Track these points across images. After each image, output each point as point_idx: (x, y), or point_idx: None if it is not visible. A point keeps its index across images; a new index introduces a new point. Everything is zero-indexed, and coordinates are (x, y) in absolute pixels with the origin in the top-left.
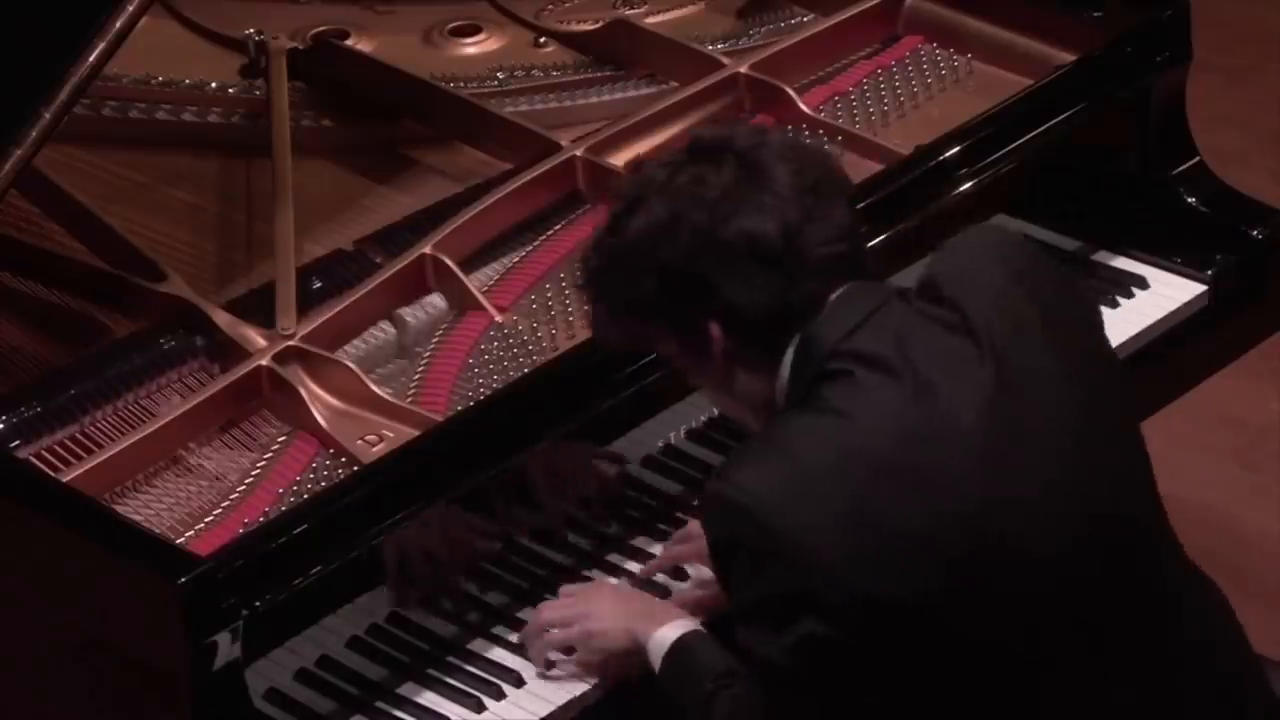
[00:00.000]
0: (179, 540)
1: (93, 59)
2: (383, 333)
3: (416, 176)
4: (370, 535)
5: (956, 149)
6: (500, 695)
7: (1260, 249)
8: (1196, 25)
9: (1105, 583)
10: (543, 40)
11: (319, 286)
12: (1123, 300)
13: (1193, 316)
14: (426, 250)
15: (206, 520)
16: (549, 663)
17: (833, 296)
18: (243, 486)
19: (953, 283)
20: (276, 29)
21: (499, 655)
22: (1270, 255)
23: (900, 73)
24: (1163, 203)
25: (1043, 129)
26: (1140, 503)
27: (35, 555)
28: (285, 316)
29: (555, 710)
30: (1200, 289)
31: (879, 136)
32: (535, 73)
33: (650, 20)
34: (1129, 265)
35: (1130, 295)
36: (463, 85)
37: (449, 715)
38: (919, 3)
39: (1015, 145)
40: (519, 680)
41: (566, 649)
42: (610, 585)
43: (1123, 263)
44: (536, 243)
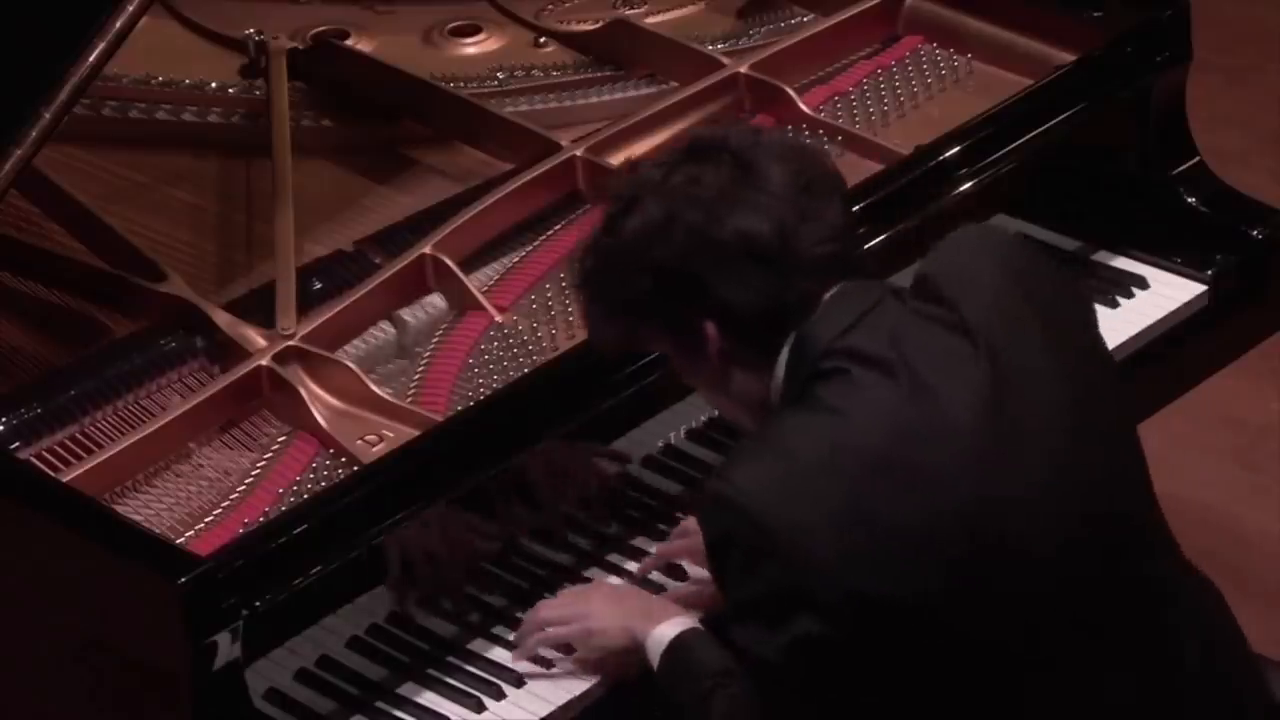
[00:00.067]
0: (179, 540)
1: (93, 59)
2: (383, 333)
3: (416, 176)
4: (370, 535)
5: (956, 149)
6: (500, 695)
7: (1260, 249)
8: (1196, 25)
9: (1101, 581)
10: (543, 40)
11: (319, 287)
12: (1123, 300)
13: (1193, 316)
14: (426, 250)
15: (206, 520)
16: (546, 661)
17: (827, 295)
18: (243, 486)
19: (948, 281)
20: (276, 29)
21: (499, 655)
22: (1270, 255)
23: (900, 73)
24: (1163, 203)
25: (1043, 129)
26: (1136, 502)
27: (35, 555)
28: (285, 316)
29: (555, 710)
30: (1200, 289)
31: (879, 136)
32: (535, 73)
33: (650, 20)
34: (1129, 265)
35: (1130, 295)
36: (463, 85)
37: (449, 715)
38: (919, 3)
39: (1015, 145)
40: (519, 680)
41: (565, 648)
42: (609, 584)
43: (1123, 263)
44: (536, 243)
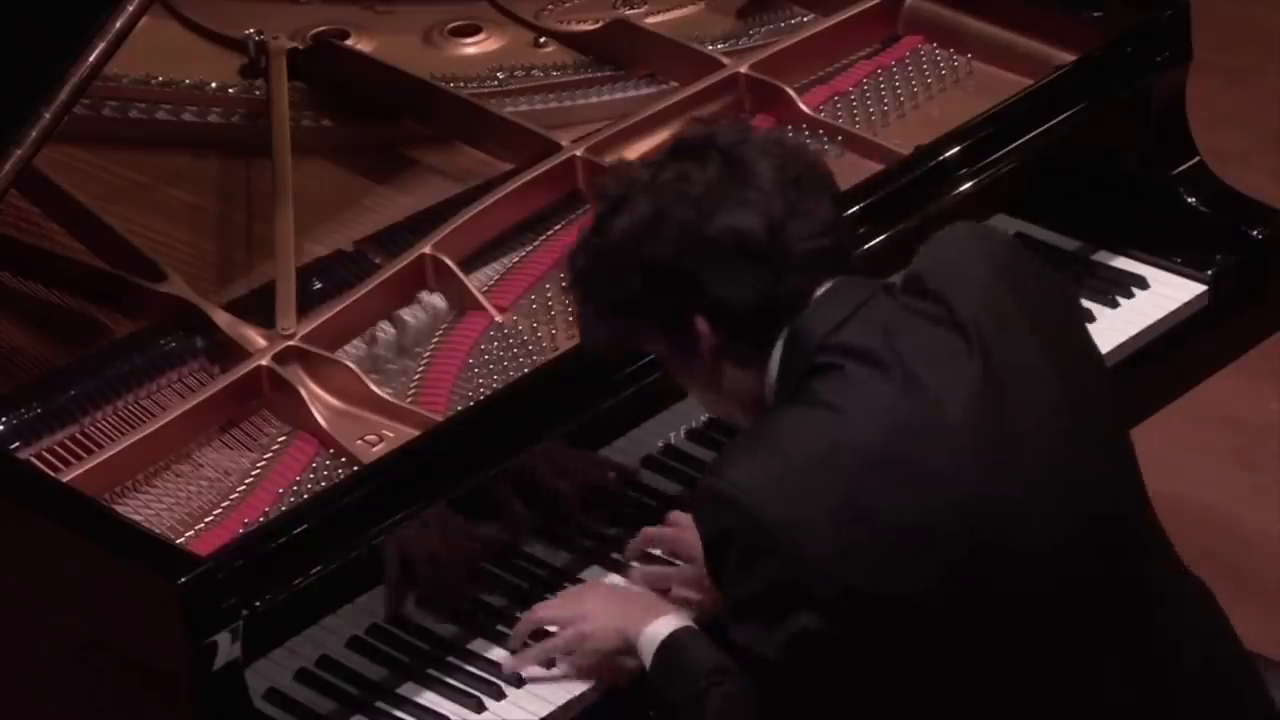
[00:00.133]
0: (179, 540)
1: (93, 59)
2: (383, 333)
3: (416, 176)
4: (370, 535)
5: (956, 149)
6: (500, 695)
7: (1260, 249)
8: (1196, 25)
9: (1097, 581)
10: (543, 40)
11: (319, 287)
12: (1123, 300)
13: (1193, 316)
14: (426, 250)
15: (206, 520)
16: (546, 661)
17: (819, 291)
18: (243, 486)
19: (938, 277)
20: (276, 29)
21: (499, 655)
22: (1270, 255)
23: (900, 73)
24: (1163, 203)
25: (1043, 129)
26: (1130, 503)
27: (35, 555)
28: (285, 316)
29: (555, 710)
30: (1200, 289)
31: (879, 136)
32: (535, 73)
33: (650, 20)
34: (1129, 265)
35: (1130, 295)
36: (463, 85)
37: (449, 715)
38: (919, 3)
39: (1015, 145)
40: (519, 680)
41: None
42: (604, 585)
43: (1123, 263)
44: (536, 243)
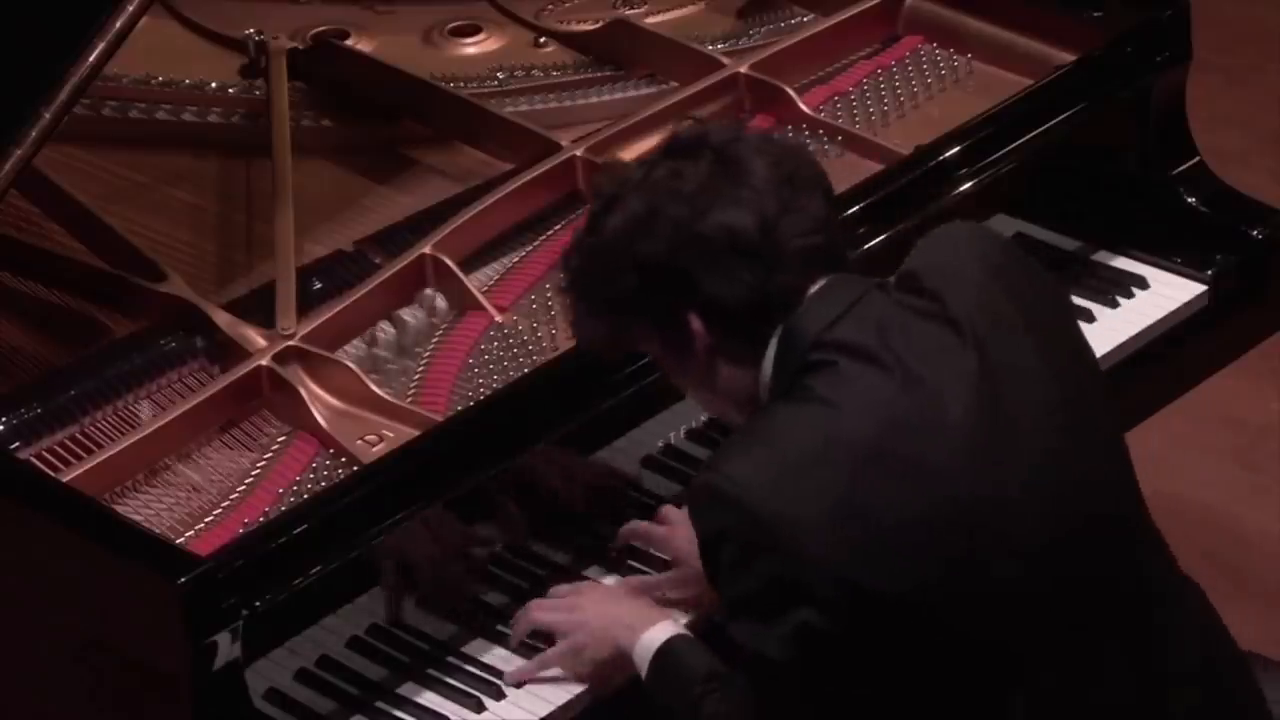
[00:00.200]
0: (179, 540)
1: (93, 59)
2: (383, 333)
3: (416, 176)
4: (370, 535)
5: (956, 149)
6: (500, 695)
7: (1260, 249)
8: (1196, 25)
9: (1092, 580)
10: (543, 40)
11: (319, 287)
12: (1123, 300)
13: (1193, 316)
14: (426, 250)
15: (206, 520)
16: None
17: (813, 288)
18: (243, 486)
19: (933, 275)
20: (276, 29)
21: (499, 655)
22: (1270, 255)
23: (900, 73)
24: (1163, 203)
25: (1043, 129)
26: (1126, 503)
27: (35, 555)
28: (285, 316)
29: (555, 710)
30: (1200, 289)
31: (879, 136)
32: (535, 73)
33: (650, 20)
34: (1129, 265)
35: (1130, 295)
36: (463, 85)
37: (449, 715)
38: (919, 3)
39: (1015, 145)
40: (519, 680)
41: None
42: (599, 590)
43: (1123, 263)
44: (536, 243)
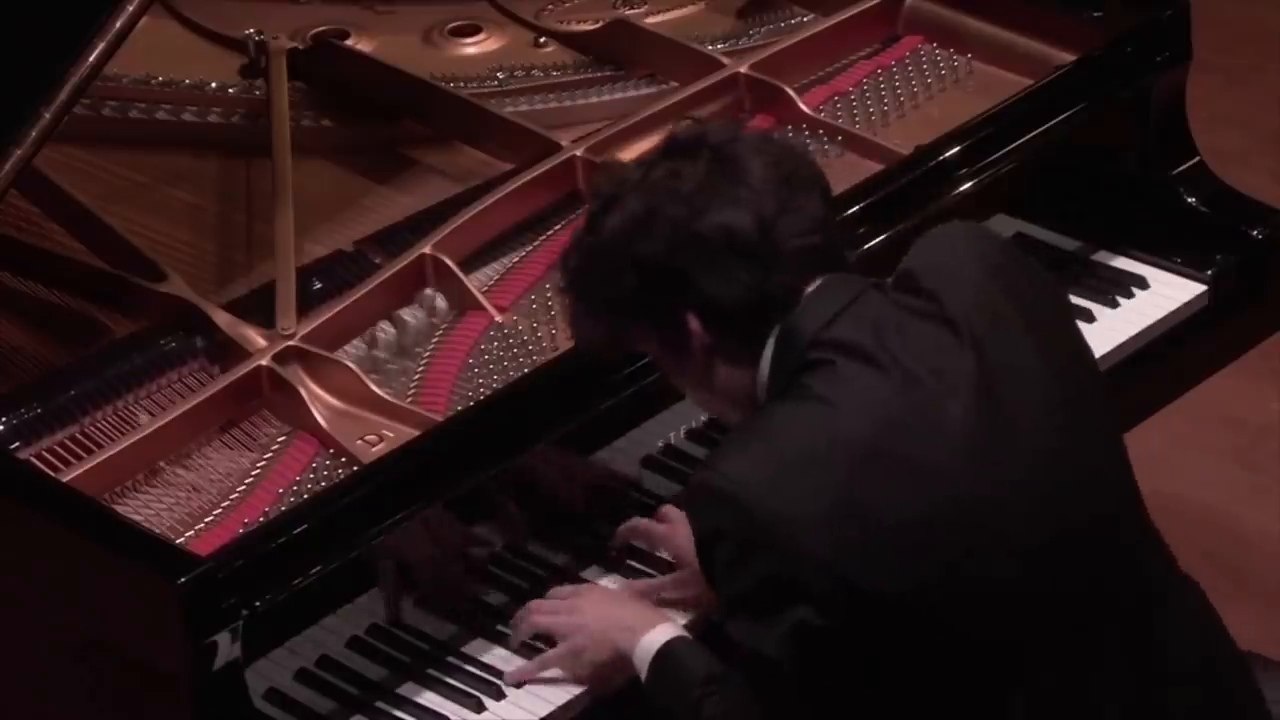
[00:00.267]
0: (179, 540)
1: (93, 59)
2: (383, 333)
3: (416, 176)
4: (370, 535)
5: (956, 149)
6: (500, 695)
7: (1260, 249)
8: (1196, 25)
9: (1092, 580)
10: (543, 40)
11: (319, 287)
12: (1123, 300)
13: (1193, 316)
14: (426, 250)
15: (206, 520)
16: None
17: (810, 288)
18: (243, 486)
19: (930, 274)
20: (276, 29)
21: (499, 655)
22: (1270, 255)
23: (900, 73)
24: (1163, 203)
25: (1043, 129)
26: (1125, 502)
27: (35, 555)
28: (285, 316)
29: (555, 710)
30: (1200, 289)
31: (879, 136)
32: (535, 73)
33: (650, 20)
34: (1129, 265)
35: (1130, 295)
36: (463, 85)
37: (449, 715)
38: (919, 3)
39: (1015, 145)
40: (519, 680)
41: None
42: (599, 592)
43: (1123, 263)
44: (536, 243)
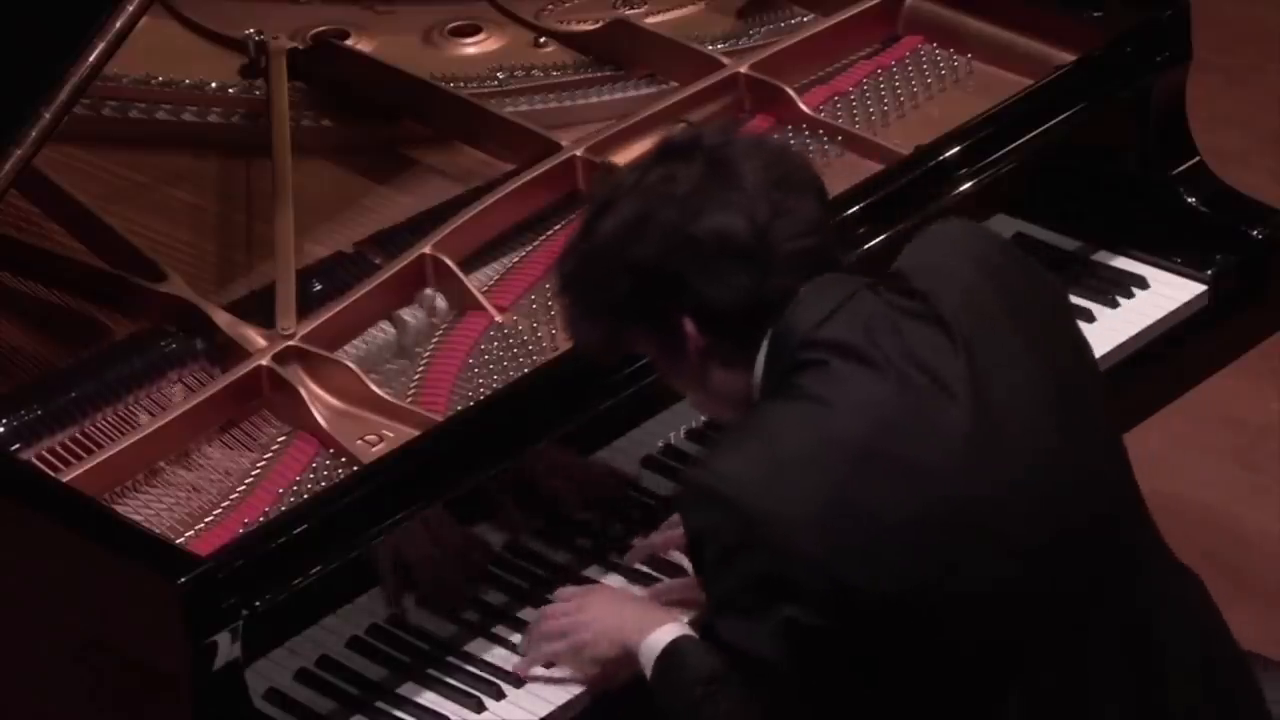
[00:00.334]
0: (179, 540)
1: (93, 59)
2: (383, 333)
3: (416, 176)
4: (370, 535)
5: (956, 149)
6: (500, 695)
7: (1260, 249)
8: (1196, 25)
9: (1090, 580)
10: (543, 40)
11: (319, 287)
12: (1123, 300)
13: (1193, 316)
14: (426, 250)
15: (206, 520)
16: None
17: (804, 289)
18: (243, 486)
19: (922, 274)
20: (276, 29)
21: (499, 655)
22: (1270, 255)
23: (900, 73)
24: (1163, 203)
25: (1043, 129)
26: (1123, 500)
27: (35, 555)
28: (285, 317)
29: (555, 710)
30: (1200, 289)
31: (879, 136)
32: (535, 73)
33: (650, 20)
34: (1129, 265)
35: (1130, 295)
36: (463, 85)
37: (449, 715)
38: (919, 3)
39: (1015, 145)
40: (519, 680)
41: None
42: (606, 591)
43: (1123, 263)
44: (536, 243)
